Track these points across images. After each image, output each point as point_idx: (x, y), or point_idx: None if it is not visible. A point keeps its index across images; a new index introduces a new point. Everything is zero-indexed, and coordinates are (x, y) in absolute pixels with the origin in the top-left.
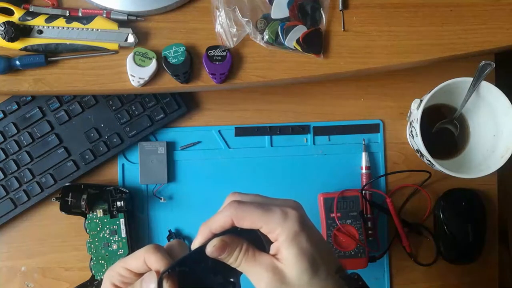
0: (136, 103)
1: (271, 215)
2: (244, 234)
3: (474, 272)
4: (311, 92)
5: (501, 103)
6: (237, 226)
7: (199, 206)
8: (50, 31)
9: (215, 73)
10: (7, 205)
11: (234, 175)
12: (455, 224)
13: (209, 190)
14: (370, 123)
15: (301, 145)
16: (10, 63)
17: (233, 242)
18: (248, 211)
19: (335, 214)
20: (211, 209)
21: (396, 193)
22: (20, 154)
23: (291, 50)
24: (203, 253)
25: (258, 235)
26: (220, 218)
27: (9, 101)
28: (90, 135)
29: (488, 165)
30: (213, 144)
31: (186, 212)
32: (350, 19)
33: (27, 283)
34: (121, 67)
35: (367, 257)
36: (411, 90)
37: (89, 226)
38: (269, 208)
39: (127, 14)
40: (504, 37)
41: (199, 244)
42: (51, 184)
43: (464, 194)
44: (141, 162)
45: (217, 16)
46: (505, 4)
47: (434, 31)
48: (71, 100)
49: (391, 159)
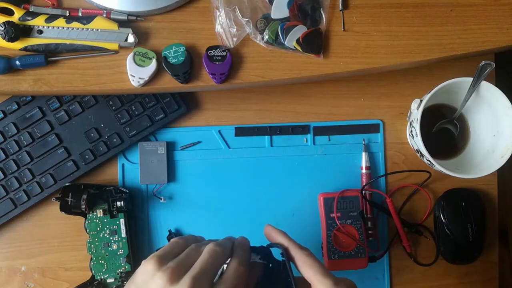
0: (136, 103)
1: (326, 276)
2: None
3: (474, 272)
4: (311, 92)
5: (501, 103)
6: (299, 269)
7: (199, 206)
8: (50, 31)
9: (215, 73)
10: (7, 205)
11: (234, 175)
12: (455, 224)
13: (209, 190)
14: (370, 123)
15: (301, 145)
16: (10, 63)
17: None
18: (315, 261)
19: (335, 214)
20: (211, 209)
21: (396, 193)
22: (20, 154)
23: (291, 50)
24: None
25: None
26: (295, 247)
27: (9, 101)
28: (90, 135)
29: (488, 165)
30: (213, 144)
31: (186, 212)
32: (350, 19)
33: (27, 283)
34: (121, 67)
35: (367, 257)
36: (411, 90)
37: (89, 226)
38: (328, 272)
39: (127, 14)
40: (504, 37)
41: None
42: (51, 184)
43: (464, 194)
44: (141, 162)
45: (217, 16)
46: (505, 4)
47: (434, 31)
48: (71, 100)
49: (391, 159)
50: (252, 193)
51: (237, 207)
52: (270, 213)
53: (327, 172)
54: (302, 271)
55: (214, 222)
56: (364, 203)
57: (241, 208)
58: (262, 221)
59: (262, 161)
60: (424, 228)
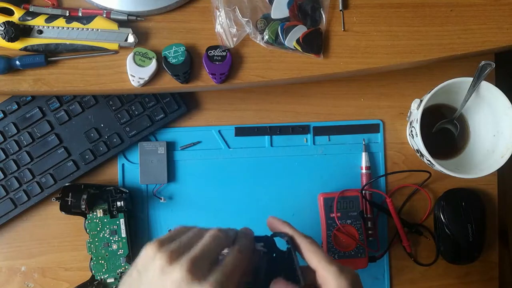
0: (136, 103)
1: (330, 263)
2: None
3: (474, 272)
4: (311, 92)
5: (501, 103)
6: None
7: (199, 206)
8: (50, 31)
9: (215, 73)
10: (7, 205)
11: (234, 175)
12: (455, 224)
13: (209, 190)
14: (370, 123)
15: (301, 145)
16: (10, 63)
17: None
18: (320, 249)
19: (335, 214)
20: (211, 209)
21: (396, 193)
22: (20, 154)
23: (291, 50)
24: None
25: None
26: (300, 236)
27: (9, 101)
28: (90, 135)
29: (488, 165)
30: (213, 144)
31: (186, 212)
32: (350, 19)
33: (27, 283)
34: (121, 67)
35: (367, 257)
36: (411, 90)
37: (89, 226)
38: (333, 259)
39: (127, 14)
40: (504, 37)
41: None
42: (51, 184)
43: (464, 194)
44: (141, 162)
45: (217, 16)
46: (505, 4)
47: (434, 31)
48: (71, 100)
49: (391, 159)
50: (252, 193)
51: (237, 207)
52: (270, 213)
53: (327, 172)
54: (307, 258)
55: (214, 222)
56: (364, 203)
57: (241, 208)
58: (262, 221)
59: (262, 161)
60: (424, 228)
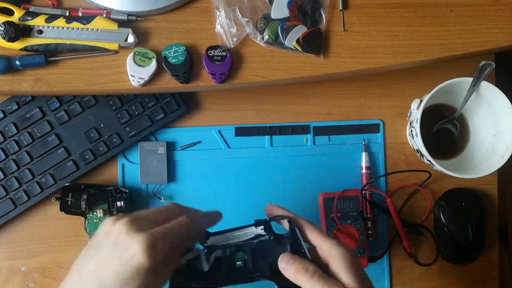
0: (136, 103)
1: (331, 238)
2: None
3: (474, 272)
4: (311, 92)
5: (501, 103)
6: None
7: (199, 206)
8: (50, 31)
9: (215, 73)
10: (7, 205)
11: (234, 175)
12: (455, 224)
13: (209, 190)
14: (370, 123)
15: (301, 145)
16: (10, 63)
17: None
18: (318, 228)
19: (335, 214)
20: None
21: (396, 193)
22: (20, 154)
23: (291, 50)
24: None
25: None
26: (302, 219)
27: (9, 101)
28: (90, 135)
29: (488, 165)
30: (213, 144)
31: None
32: (350, 19)
33: (27, 283)
34: (121, 67)
35: (367, 257)
36: (411, 90)
37: (89, 226)
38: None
39: (127, 14)
40: (504, 37)
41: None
42: (51, 184)
43: (464, 194)
44: (141, 162)
45: (217, 16)
46: (505, 4)
47: (434, 31)
48: (71, 100)
49: (391, 159)
50: (252, 193)
51: (237, 207)
52: None
53: (327, 172)
54: (308, 235)
55: None
56: (364, 203)
57: (241, 208)
58: None
59: (262, 161)
60: (424, 228)
